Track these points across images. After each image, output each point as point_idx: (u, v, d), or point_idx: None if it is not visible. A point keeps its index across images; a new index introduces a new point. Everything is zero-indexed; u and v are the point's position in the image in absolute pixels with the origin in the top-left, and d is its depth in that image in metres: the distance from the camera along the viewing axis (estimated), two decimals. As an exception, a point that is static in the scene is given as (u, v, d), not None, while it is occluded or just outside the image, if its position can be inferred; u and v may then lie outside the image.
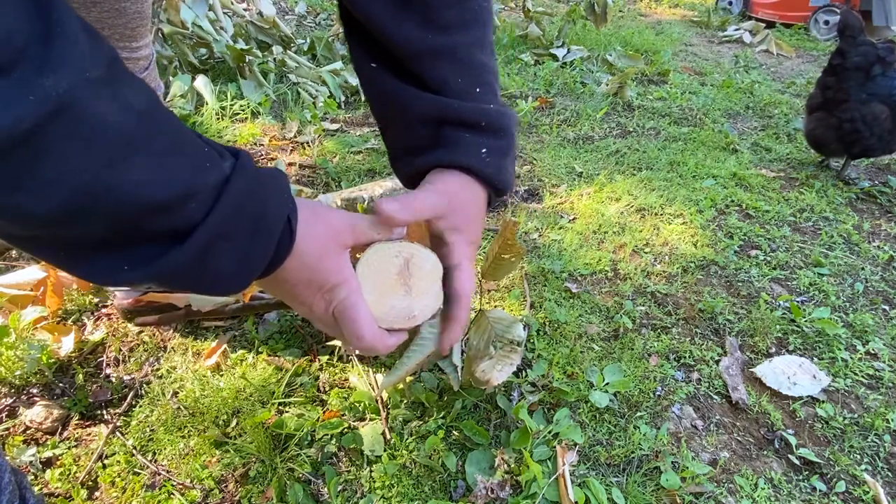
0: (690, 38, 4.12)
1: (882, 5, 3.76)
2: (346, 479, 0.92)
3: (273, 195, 0.43)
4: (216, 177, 0.39)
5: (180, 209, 0.37)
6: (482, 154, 0.57)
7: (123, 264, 0.38)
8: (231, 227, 0.39)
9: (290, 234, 0.44)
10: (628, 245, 1.55)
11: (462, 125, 0.57)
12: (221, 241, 0.39)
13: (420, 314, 0.54)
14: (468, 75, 0.58)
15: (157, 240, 0.38)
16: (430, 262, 0.55)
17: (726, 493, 0.94)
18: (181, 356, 1.14)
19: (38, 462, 0.93)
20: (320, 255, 0.47)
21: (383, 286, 0.53)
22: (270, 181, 0.43)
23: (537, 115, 2.42)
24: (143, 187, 0.35)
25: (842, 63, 1.83)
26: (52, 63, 0.30)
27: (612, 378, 1.11)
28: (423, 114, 0.58)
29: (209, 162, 0.39)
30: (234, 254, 0.41)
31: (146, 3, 0.93)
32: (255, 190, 0.41)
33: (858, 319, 1.32)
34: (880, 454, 1.03)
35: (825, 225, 1.73)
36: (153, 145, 0.35)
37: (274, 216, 0.43)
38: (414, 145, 0.60)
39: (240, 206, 0.40)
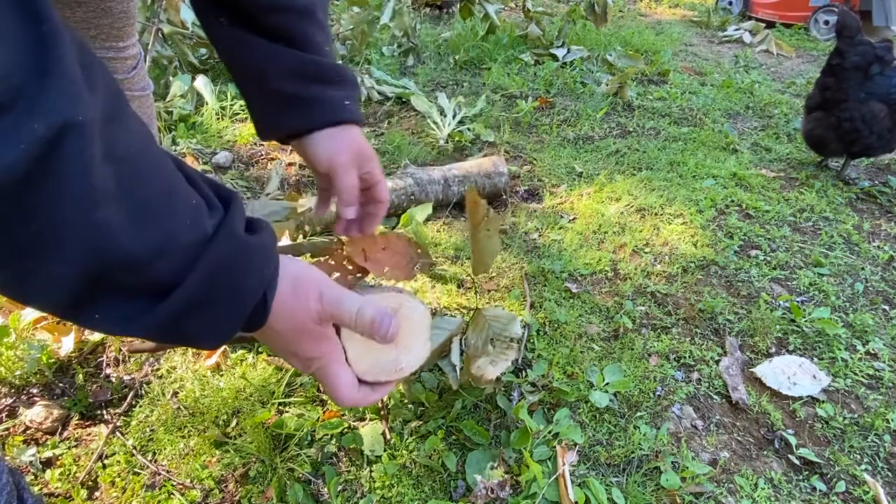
0: (690, 38, 4.12)
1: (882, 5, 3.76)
2: (346, 479, 0.92)
3: (255, 266, 0.42)
4: (194, 237, 0.38)
5: (151, 267, 0.36)
6: (347, 105, 0.65)
7: (95, 314, 0.37)
8: (206, 295, 0.39)
9: (264, 309, 0.43)
10: (628, 245, 1.55)
11: (326, 82, 0.64)
12: (195, 308, 0.39)
13: (407, 366, 0.54)
14: (323, 33, 0.65)
15: (132, 296, 0.37)
16: (419, 312, 0.55)
17: (726, 493, 0.94)
18: (181, 356, 1.14)
19: (38, 462, 0.93)
20: (295, 330, 0.47)
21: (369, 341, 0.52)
22: (255, 250, 0.42)
23: (537, 115, 2.42)
24: (117, 239, 0.34)
25: (840, 63, 1.84)
26: (44, 105, 0.29)
27: (612, 378, 1.11)
28: (291, 68, 0.61)
29: (191, 219, 0.38)
30: (206, 321, 0.40)
31: (132, 3, 0.93)
32: (236, 258, 0.40)
33: (858, 319, 1.32)
34: (880, 454, 1.03)
35: (825, 225, 1.73)
36: (135, 195, 0.35)
37: (250, 292, 0.41)
38: (284, 100, 0.63)
39: (216, 275, 0.39)
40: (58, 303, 0.36)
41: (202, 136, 2.01)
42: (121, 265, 0.35)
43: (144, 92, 1.14)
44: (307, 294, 0.46)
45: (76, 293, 0.35)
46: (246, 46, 0.61)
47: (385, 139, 2.09)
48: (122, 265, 0.35)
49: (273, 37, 0.61)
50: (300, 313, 0.46)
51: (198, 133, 2.02)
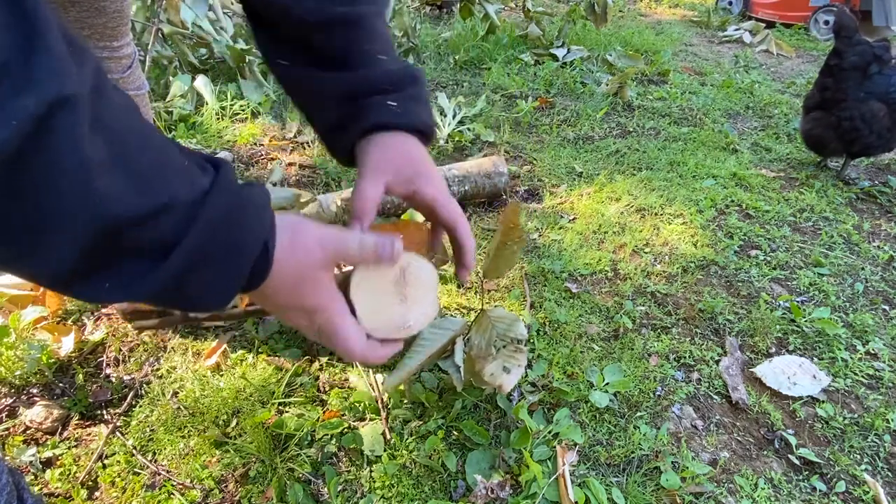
0: (690, 38, 4.12)
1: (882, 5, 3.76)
2: (346, 479, 0.92)
3: (251, 218, 0.42)
4: (192, 193, 0.38)
5: (152, 224, 0.36)
6: (391, 107, 0.59)
7: (104, 282, 0.37)
8: (206, 249, 0.39)
9: (265, 260, 0.44)
10: (628, 245, 1.55)
11: (372, 93, 0.59)
12: (197, 265, 0.39)
13: (415, 324, 0.54)
14: (374, 42, 0.60)
15: (134, 259, 0.37)
16: (426, 271, 0.56)
17: (726, 493, 0.94)
18: (181, 356, 1.14)
19: (38, 462, 0.93)
20: (297, 279, 0.47)
21: (379, 295, 0.53)
22: (249, 202, 0.42)
23: (537, 115, 2.42)
24: (116, 203, 0.34)
25: (839, 63, 1.84)
26: (33, 82, 0.29)
27: (612, 378, 1.11)
28: (340, 94, 0.59)
29: (186, 178, 0.39)
30: (210, 277, 0.40)
31: (125, 3, 0.93)
32: (232, 211, 0.40)
33: (858, 319, 1.32)
34: (880, 454, 1.03)
35: (825, 225, 1.73)
36: (129, 162, 0.35)
37: (250, 241, 0.42)
38: (337, 124, 0.61)
39: (215, 229, 0.39)
40: (60, 276, 0.36)
41: (202, 136, 2.01)
42: (122, 230, 0.35)
43: (140, 91, 1.14)
44: (306, 241, 0.46)
45: (79, 264, 0.36)
46: (307, 81, 0.60)
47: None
48: (123, 230, 0.35)
49: (323, 61, 0.59)
50: (302, 260, 0.46)
51: (198, 133, 2.03)
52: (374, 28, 0.60)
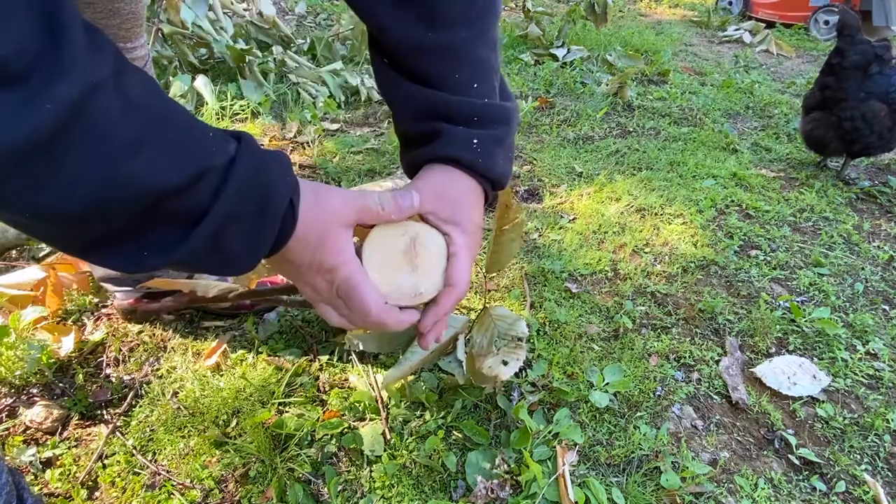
0: (690, 38, 4.12)
1: (882, 5, 3.76)
2: (346, 479, 0.92)
3: (276, 177, 0.44)
4: (223, 158, 0.41)
5: (193, 191, 0.39)
6: (473, 145, 0.57)
7: (144, 251, 0.40)
8: (238, 208, 0.41)
9: (292, 215, 0.46)
10: (628, 245, 1.55)
11: (454, 120, 0.57)
12: (231, 223, 0.41)
13: (426, 292, 0.55)
14: (466, 71, 0.58)
15: (172, 225, 0.40)
16: (436, 241, 0.56)
17: (726, 493, 0.94)
18: (181, 356, 1.14)
19: (38, 462, 0.93)
20: (321, 235, 0.48)
21: (390, 264, 0.54)
22: (273, 163, 0.45)
23: (537, 115, 2.42)
24: (156, 175, 0.37)
25: (840, 62, 1.84)
26: (63, 70, 0.31)
27: (612, 378, 1.11)
28: (418, 108, 0.59)
29: (215, 145, 0.41)
30: (242, 234, 0.43)
31: (140, 4, 0.93)
32: (260, 171, 0.43)
33: (858, 319, 1.32)
34: (880, 454, 1.03)
35: (825, 225, 1.73)
36: (162, 135, 0.37)
37: (277, 197, 0.44)
38: (412, 138, 0.61)
39: (246, 188, 0.41)
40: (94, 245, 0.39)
41: (202, 136, 2.01)
42: (163, 201, 0.38)
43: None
44: (330, 198, 0.49)
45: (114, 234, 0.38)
46: (394, 85, 0.60)
47: (385, 139, 2.09)
48: (165, 200, 0.38)
49: (413, 78, 0.58)
50: (326, 215, 0.48)
51: (198, 133, 2.02)
52: (469, 55, 0.58)
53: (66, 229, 0.37)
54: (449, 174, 0.58)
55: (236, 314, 1.22)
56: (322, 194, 0.49)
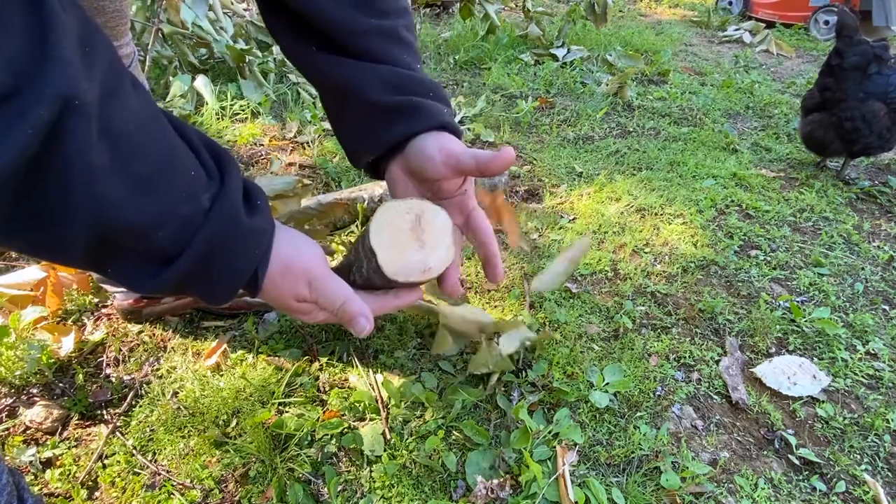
0: (690, 38, 4.12)
1: (882, 5, 3.76)
2: (346, 479, 0.92)
3: (246, 249, 0.45)
4: (192, 210, 0.41)
5: (152, 236, 0.39)
6: (447, 113, 0.62)
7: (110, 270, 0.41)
8: (202, 269, 0.42)
9: (255, 286, 0.48)
10: (628, 245, 1.55)
11: (422, 94, 0.61)
12: (194, 279, 0.43)
13: (435, 266, 0.56)
14: (409, 53, 0.63)
15: (140, 260, 0.41)
16: (441, 217, 0.57)
17: (726, 493, 0.94)
18: (181, 356, 1.14)
19: (37, 462, 0.93)
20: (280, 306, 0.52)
21: (398, 242, 0.55)
22: (247, 233, 0.44)
23: (537, 115, 2.42)
24: (117, 208, 0.37)
25: (840, 63, 1.84)
26: (46, 89, 0.31)
27: (612, 378, 1.11)
28: (386, 82, 0.60)
29: (188, 191, 0.41)
30: (205, 288, 0.45)
31: (124, 2, 0.93)
32: (229, 240, 0.43)
33: (858, 319, 1.32)
34: (880, 454, 1.03)
35: (825, 225, 1.73)
36: (132, 169, 0.37)
37: (241, 271, 0.45)
38: (389, 110, 0.61)
39: (211, 253, 0.42)
40: (76, 262, 0.40)
41: (202, 136, 2.01)
42: (123, 234, 0.38)
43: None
44: (295, 280, 0.50)
45: (90, 254, 0.39)
46: (339, 67, 0.60)
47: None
48: (123, 234, 0.38)
49: (363, 59, 0.60)
50: (287, 295, 0.51)
51: (198, 133, 2.02)
52: (407, 39, 0.63)
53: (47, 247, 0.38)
54: (445, 138, 0.61)
55: (236, 314, 1.22)
56: (291, 274, 0.50)
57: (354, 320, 0.53)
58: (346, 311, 0.52)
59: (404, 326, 1.21)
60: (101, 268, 0.41)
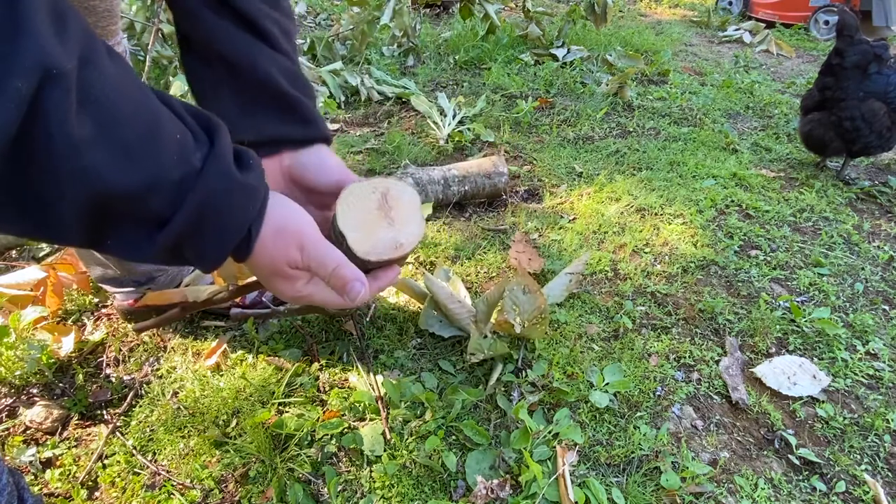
0: (690, 38, 4.12)
1: (882, 5, 3.76)
2: (346, 479, 0.92)
3: (239, 207, 0.44)
4: (182, 171, 0.40)
5: (143, 202, 0.38)
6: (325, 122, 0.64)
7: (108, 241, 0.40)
8: (196, 229, 0.42)
9: (248, 247, 0.46)
10: (628, 245, 1.55)
11: (310, 95, 0.64)
12: (188, 240, 0.42)
13: (407, 242, 0.55)
14: (296, 53, 0.65)
15: (135, 227, 0.40)
16: (407, 193, 0.57)
17: (726, 493, 0.94)
18: (181, 356, 1.14)
19: (37, 462, 0.93)
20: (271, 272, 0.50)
21: (366, 222, 0.54)
22: (240, 188, 0.44)
23: (537, 115, 2.42)
24: (105, 179, 0.36)
25: (840, 62, 1.84)
26: (21, 62, 0.30)
27: (612, 378, 1.11)
28: (286, 72, 0.61)
29: (178, 154, 0.40)
30: (199, 249, 0.44)
31: (115, 2, 0.93)
32: (223, 197, 0.42)
33: (858, 319, 1.32)
34: (880, 454, 1.03)
35: (825, 225, 1.73)
36: (117, 137, 0.36)
37: (235, 228, 0.44)
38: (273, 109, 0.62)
39: (204, 212, 0.41)
40: (75, 240, 0.39)
41: (202, 136, 2.01)
42: (115, 204, 0.37)
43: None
44: (288, 243, 0.49)
45: (87, 230, 0.38)
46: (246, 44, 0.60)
47: (385, 139, 2.09)
48: (116, 204, 0.37)
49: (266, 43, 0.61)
50: (279, 259, 0.49)
51: (198, 133, 2.02)
52: (294, 41, 0.65)
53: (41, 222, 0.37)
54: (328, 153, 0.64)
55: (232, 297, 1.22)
56: (283, 237, 0.48)
57: (349, 284, 0.51)
58: (340, 275, 0.51)
59: (404, 326, 1.21)
60: (101, 242, 0.40)
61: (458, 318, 1.14)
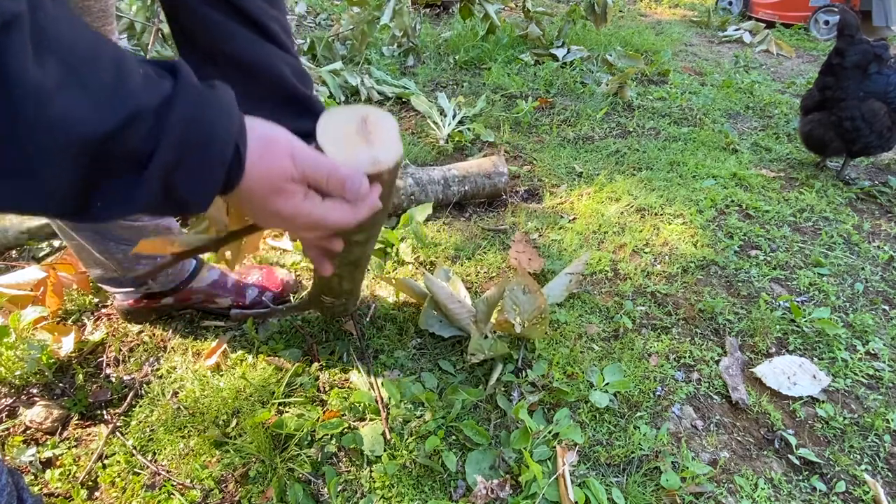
0: (690, 38, 4.12)
1: (882, 5, 3.76)
2: (346, 479, 0.92)
3: (220, 119, 0.42)
4: (156, 100, 0.38)
5: (123, 140, 0.37)
6: None
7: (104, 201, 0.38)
8: (182, 155, 0.39)
9: (239, 163, 0.44)
10: (628, 245, 1.55)
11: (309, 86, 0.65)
12: (177, 170, 0.40)
13: (385, 160, 0.54)
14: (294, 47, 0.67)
15: (119, 172, 0.38)
16: (387, 119, 0.57)
17: (726, 493, 0.94)
18: (181, 356, 1.14)
19: (37, 462, 0.93)
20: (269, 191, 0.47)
21: (345, 140, 0.54)
22: (214, 103, 0.42)
23: (537, 115, 2.42)
24: (81, 124, 0.34)
25: (841, 62, 1.84)
26: None
27: (612, 378, 1.11)
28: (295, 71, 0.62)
29: (146, 85, 0.38)
30: (189, 180, 0.41)
31: (110, 2, 0.93)
32: (201, 113, 0.40)
33: (858, 319, 1.32)
34: (880, 454, 1.03)
35: (825, 225, 1.73)
36: (82, 77, 0.35)
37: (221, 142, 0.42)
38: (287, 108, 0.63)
39: (187, 134, 0.39)
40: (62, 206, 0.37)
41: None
42: (96, 148, 0.35)
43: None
44: (278, 153, 0.46)
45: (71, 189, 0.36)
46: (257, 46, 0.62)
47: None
48: (96, 147, 0.35)
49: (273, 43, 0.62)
50: (274, 171, 0.46)
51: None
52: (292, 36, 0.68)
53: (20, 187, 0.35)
54: None
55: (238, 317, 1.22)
56: (271, 147, 0.46)
57: (348, 181, 0.49)
58: (337, 174, 0.49)
59: (404, 326, 1.21)
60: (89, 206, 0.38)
61: (459, 318, 1.15)
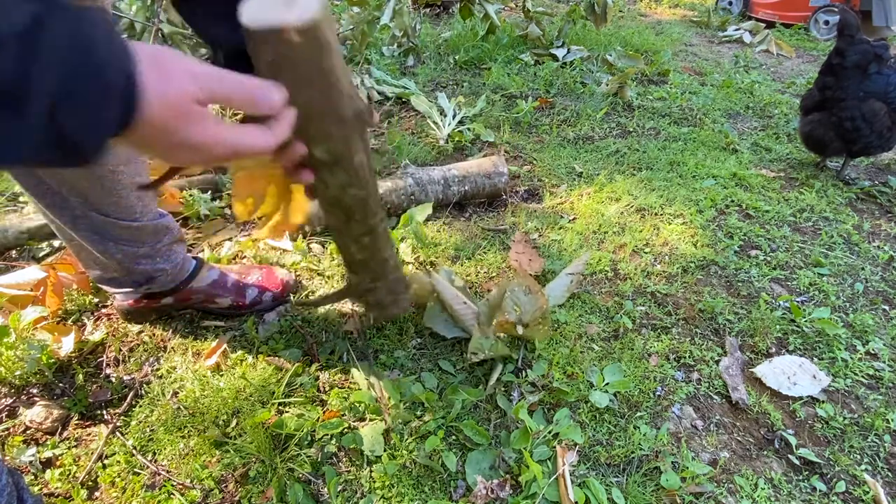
0: (690, 38, 4.12)
1: (882, 5, 3.76)
2: (346, 479, 0.92)
3: (101, 40, 0.37)
4: (19, 22, 0.33)
5: None
6: None
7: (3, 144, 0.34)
8: (65, 84, 0.35)
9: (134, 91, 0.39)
10: (628, 245, 1.55)
11: None
12: (63, 102, 0.35)
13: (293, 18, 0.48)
14: None
15: None
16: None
17: (726, 493, 0.94)
18: (181, 356, 1.14)
19: (37, 462, 0.93)
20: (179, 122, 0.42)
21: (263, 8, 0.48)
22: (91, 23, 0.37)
23: (537, 115, 2.42)
24: None
25: (841, 62, 1.84)
26: None
27: (612, 378, 1.11)
28: None
29: (4, 6, 0.33)
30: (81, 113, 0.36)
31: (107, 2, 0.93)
32: (79, 35, 0.36)
33: (858, 319, 1.32)
34: (880, 454, 1.03)
35: (825, 225, 1.73)
36: None
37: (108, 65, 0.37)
38: None
39: (66, 59, 0.35)
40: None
41: (202, 136, 2.01)
42: None
43: None
44: (176, 72, 0.42)
45: None
46: None
47: (385, 139, 2.09)
48: None
49: None
50: (177, 93, 0.41)
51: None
52: None
53: None
54: None
55: (237, 314, 1.22)
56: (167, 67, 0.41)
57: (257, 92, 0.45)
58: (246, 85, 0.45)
59: (404, 326, 1.21)
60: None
61: (464, 319, 1.14)
